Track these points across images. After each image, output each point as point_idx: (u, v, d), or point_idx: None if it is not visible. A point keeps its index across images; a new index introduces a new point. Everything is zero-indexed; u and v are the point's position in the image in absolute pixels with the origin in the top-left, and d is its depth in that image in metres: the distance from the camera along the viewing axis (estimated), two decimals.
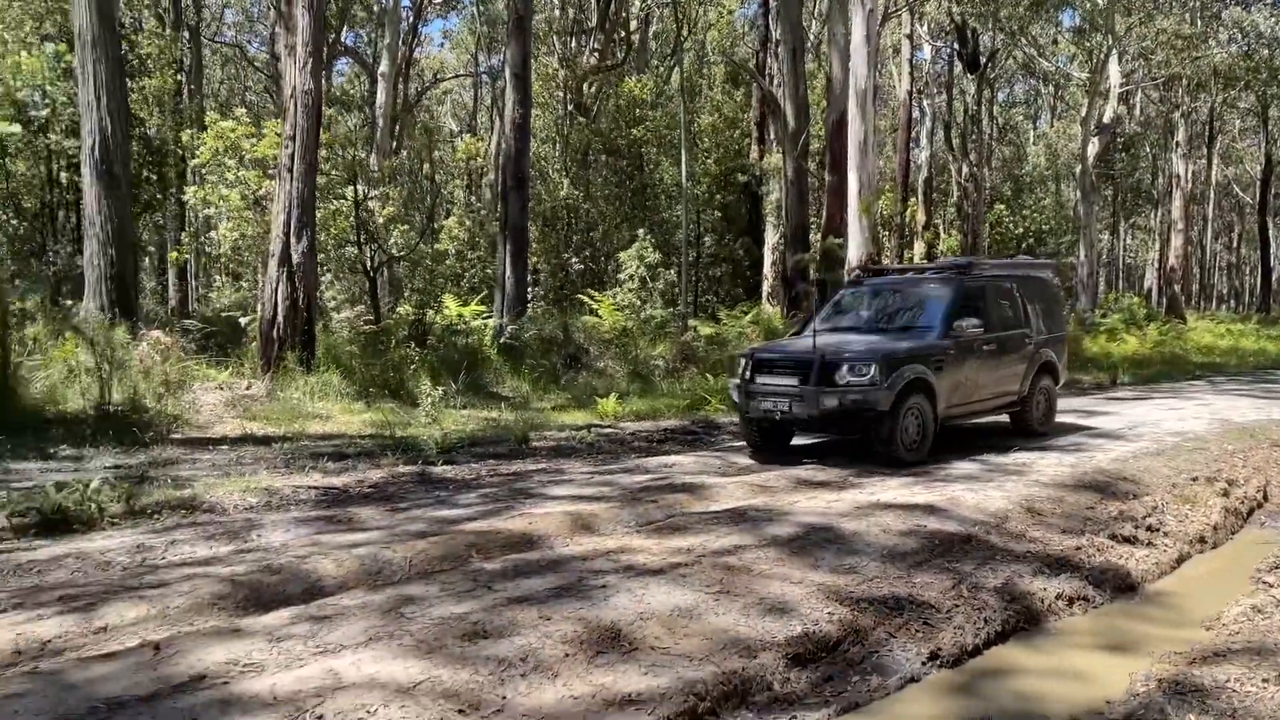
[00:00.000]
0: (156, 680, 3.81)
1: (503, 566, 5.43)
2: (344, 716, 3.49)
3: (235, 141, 19.99)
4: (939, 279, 10.46)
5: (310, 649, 4.13)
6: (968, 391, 9.68)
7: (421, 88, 42.07)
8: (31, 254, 19.75)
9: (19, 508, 6.91)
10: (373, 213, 20.12)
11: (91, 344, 11.60)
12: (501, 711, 3.64)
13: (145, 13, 25.89)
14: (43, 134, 19.72)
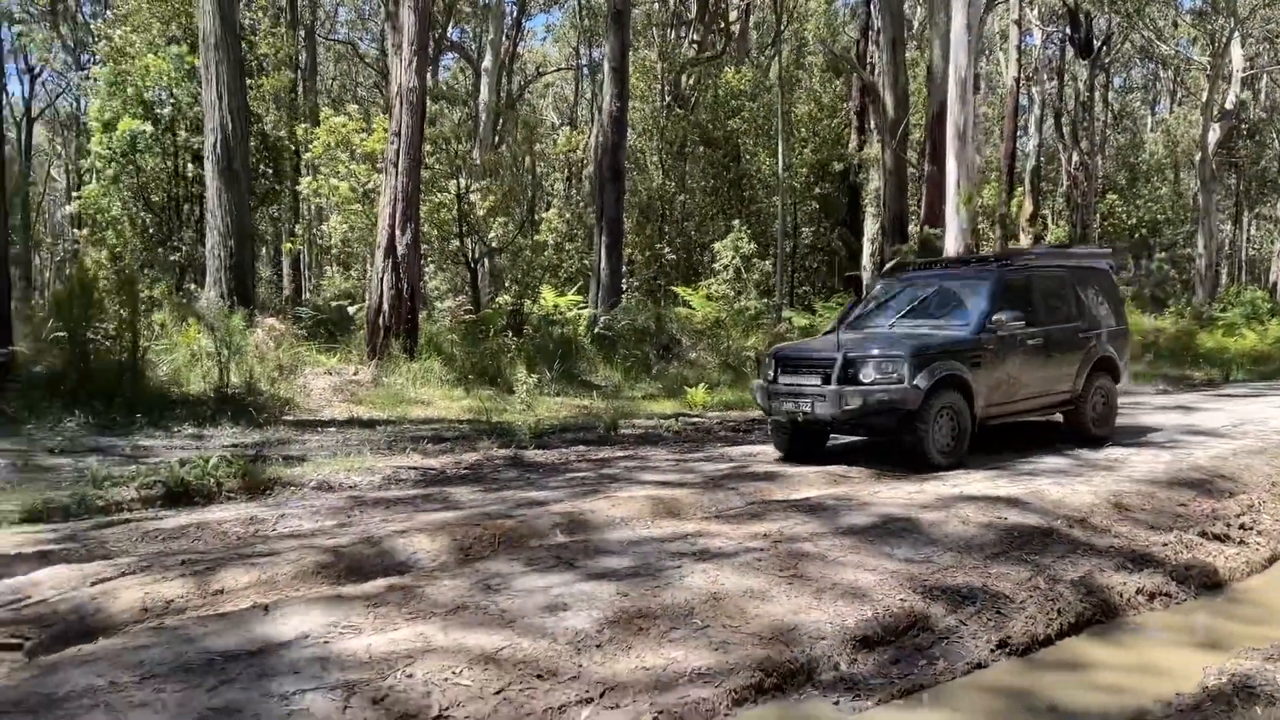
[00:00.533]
0: (265, 638, 4.17)
1: (585, 546, 5.68)
2: (431, 676, 3.77)
3: (346, 136, 20.80)
4: (978, 271, 9.87)
5: (403, 615, 4.44)
6: (1010, 390, 9.12)
7: (524, 81, 42.81)
8: (159, 244, 20.96)
9: (147, 481, 7.50)
10: (474, 205, 20.69)
11: (212, 330, 12.33)
12: (577, 679, 3.88)
13: (262, 15, 27.03)
14: (169, 131, 20.86)
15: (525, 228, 28.30)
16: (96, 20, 32.55)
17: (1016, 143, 35.64)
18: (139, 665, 3.87)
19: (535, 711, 3.62)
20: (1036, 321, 9.37)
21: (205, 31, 15.44)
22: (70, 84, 37.86)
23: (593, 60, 40.00)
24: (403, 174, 14.26)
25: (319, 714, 3.44)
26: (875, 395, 8.21)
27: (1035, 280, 9.73)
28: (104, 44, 22.99)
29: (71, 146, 39.28)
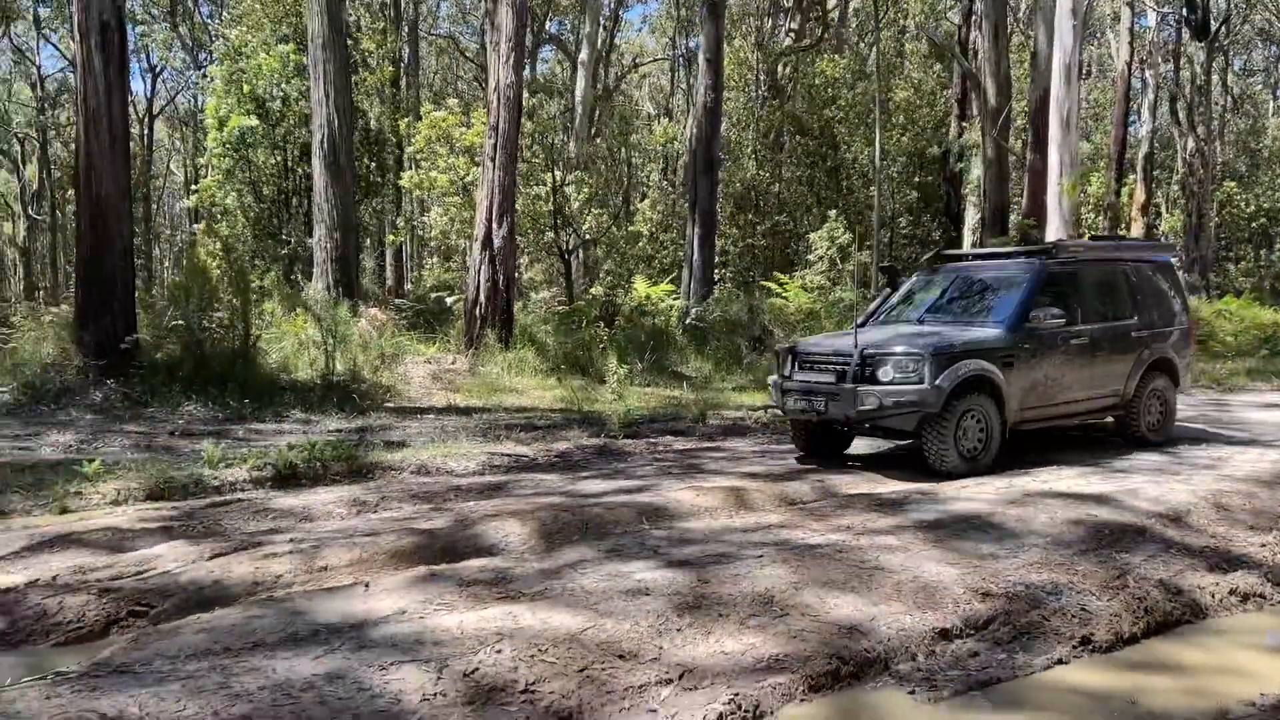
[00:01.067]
0: (365, 612, 4.43)
1: (668, 533, 5.84)
2: (519, 653, 3.96)
3: (446, 130, 21.34)
4: (1018, 264, 9.27)
5: (493, 595, 4.66)
6: (1049, 392, 8.57)
7: (620, 72, 43.07)
8: (269, 236, 21.85)
9: (258, 463, 7.93)
10: (569, 198, 21.00)
11: (318, 320, 12.86)
12: (657, 660, 4.02)
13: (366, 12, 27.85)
14: (279, 127, 21.71)
15: (620, 219, 28.57)
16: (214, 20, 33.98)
17: (1128, 129, 34.36)
18: (251, 633, 4.17)
19: (616, 689, 3.78)
20: (1082, 318, 8.85)
21: (314, 32, 16.04)
22: (188, 81, 39.60)
23: (689, 50, 40.01)
24: (499, 168, 14.60)
25: (414, 684, 3.66)
26: (893, 396, 7.76)
27: (1083, 274, 9.16)
28: (220, 43, 24.04)
29: (189, 142, 41.06)
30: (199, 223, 26.12)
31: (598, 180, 23.35)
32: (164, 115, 42.71)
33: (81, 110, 11.46)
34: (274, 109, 21.45)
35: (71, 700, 3.49)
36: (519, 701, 3.63)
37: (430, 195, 23.52)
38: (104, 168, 11.24)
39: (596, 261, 27.43)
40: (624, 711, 3.65)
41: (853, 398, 7.87)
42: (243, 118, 21.03)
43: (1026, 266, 9.05)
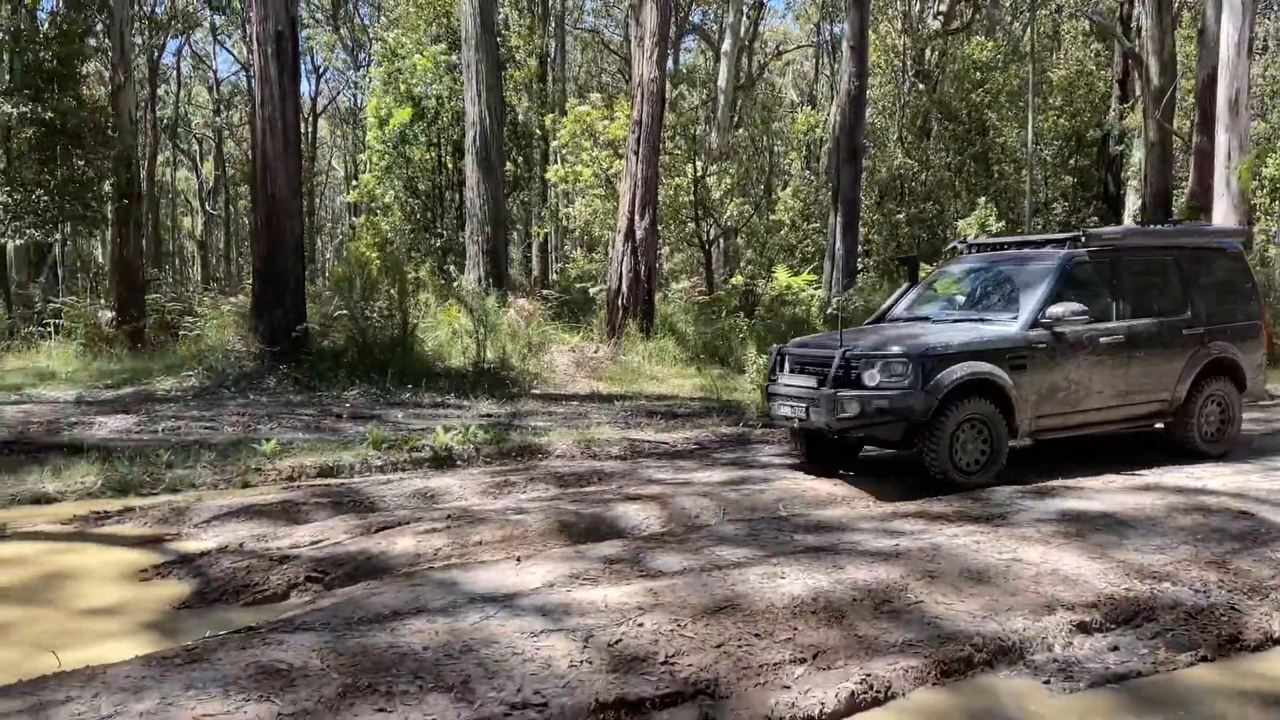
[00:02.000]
0: (517, 584, 4.75)
1: (803, 520, 5.97)
2: (659, 628, 4.19)
3: (590, 124, 21.81)
4: (1041, 255, 8.31)
5: (635, 572, 4.92)
6: (1074, 397, 7.69)
7: (763, 60, 42.85)
8: (424, 229, 22.87)
9: (416, 444, 8.46)
10: (710, 188, 21.15)
11: (470, 310, 13.48)
12: (791, 640, 4.18)
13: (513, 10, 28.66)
14: (433, 124, 22.67)
15: (761, 208, 28.54)
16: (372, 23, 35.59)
17: None
18: (415, 600, 4.54)
19: (752, 666, 3.96)
20: (1117, 314, 7.98)
21: (466, 33, 16.71)
22: (349, 81, 41.58)
23: (833, 36, 39.46)
24: (642, 161, 14.91)
25: (561, 651, 3.94)
26: (875, 402, 7.05)
27: (1120, 264, 8.19)
28: (379, 45, 25.23)
29: (349, 139, 43.14)
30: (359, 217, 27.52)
31: (739, 170, 23.42)
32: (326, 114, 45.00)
33: (257, 115, 12.34)
34: (429, 107, 22.40)
35: (262, 651, 3.91)
36: (659, 672, 3.86)
37: (575, 188, 24.10)
38: (278, 168, 12.07)
39: (737, 251, 27.51)
40: (759, 687, 3.83)
41: (833, 404, 7.16)
42: (403, 114, 22.06)
43: (1049, 257, 8.13)
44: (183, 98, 40.36)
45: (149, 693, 3.51)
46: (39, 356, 14.19)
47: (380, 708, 3.45)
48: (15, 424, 9.51)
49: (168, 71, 37.40)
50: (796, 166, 38.35)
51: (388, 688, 3.58)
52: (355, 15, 37.81)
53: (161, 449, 8.56)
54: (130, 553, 6.01)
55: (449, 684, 3.64)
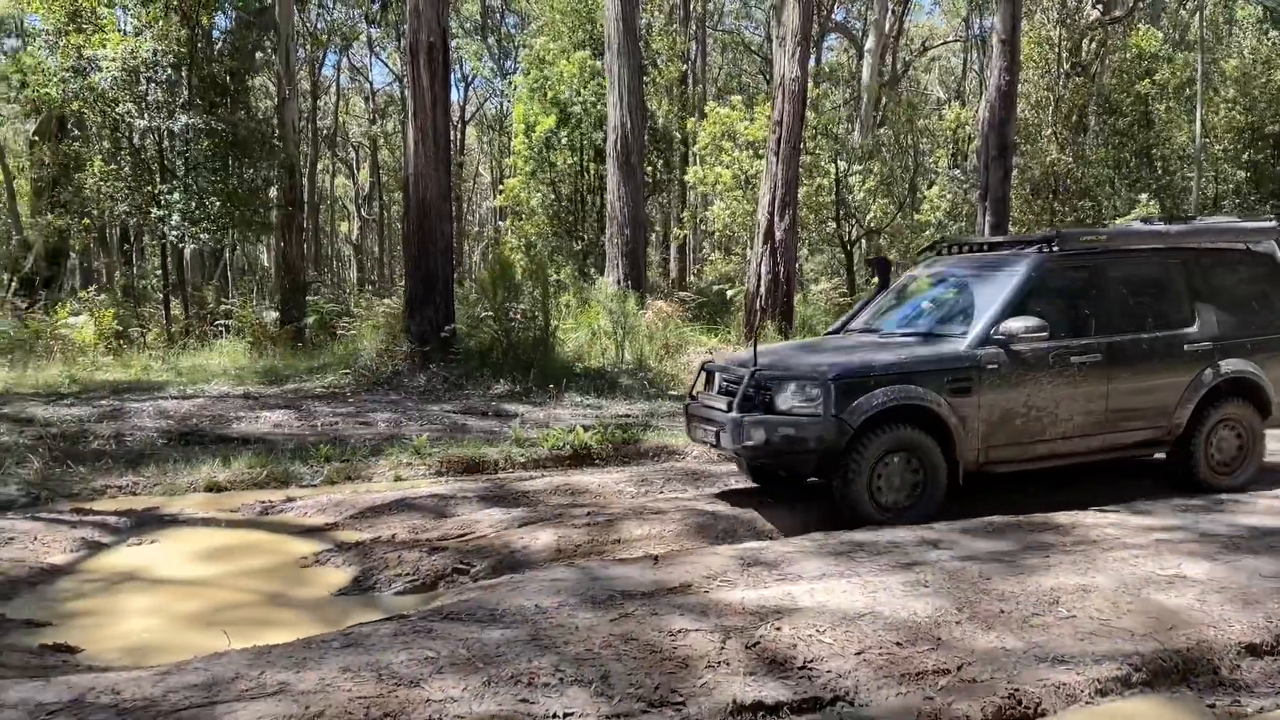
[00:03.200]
0: (655, 583, 4.80)
1: (950, 527, 5.81)
2: (797, 632, 4.16)
3: (730, 126, 21.79)
4: (1008, 260, 7.24)
5: (773, 576, 4.89)
6: (1036, 426, 6.68)
7: (908, 57, 41.87)
8: (566, 232, 23.33)
9: (557, 443, 8.64)
10: (852, 188, 20.81)
11: (609, 312, 13.66)
12: (934, 650, 4.08)
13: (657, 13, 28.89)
14: (576, 129, 23.10)
15: (905, 208, 27.88)
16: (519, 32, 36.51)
17: None
18: (557, 594, 4.65)
19: (893, 675, 3.88)
20: (1098, 328, 6.92)
21: (609, 39, 16.96)
22: (495, 89, 42.76)
23: (982, 29, 38.19)
24: (782, 162, 14.79)
25: (700, 651, 3.96)
26: (781, 429, 6.24)
27: (1103, 271, 7.09)
28: (525, 53, 25.88)
29: (495, 145, 44.36)
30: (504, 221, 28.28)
31: (882, 169, 22.94)
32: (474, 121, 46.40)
33: (410, 123, 12.85)
34: (573, 113, 22.83)
35: (413, 639, 4.08)
36: (797, 676, 3.83)
37: (714, 190, 24.12)
38: (429, 175, 12.53)
39: (880, 252, 26.94)
40: (899, 696, 3.75)
41: (738, 430, 6.32)
42: (549, 120, 22.56)
43: (1014, 263, 7.10)
44: (341, 108, 42.32)
45: (309, 673, 3.71)
46: (211, 354, 15.15)
47: (523, 698, 3.55)
48: (190, 417, 10.18)
49: (327, 84, 39.33)
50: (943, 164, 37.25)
51: (530, 679, 3.68)
52: (502, 25, 38.87)
53: (320, 443, 9.02)
54: (292, 541, 6.37)
55: (588, 679, 3.71)
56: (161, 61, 17.64)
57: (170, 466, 8.36)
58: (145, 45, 17.30)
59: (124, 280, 23.67)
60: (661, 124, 26.19)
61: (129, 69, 17.29)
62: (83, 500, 7.62)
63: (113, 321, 16.18)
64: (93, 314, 16.51)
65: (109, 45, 17.11)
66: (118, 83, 17.47)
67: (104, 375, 12.87)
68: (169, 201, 17.63)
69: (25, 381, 12.07)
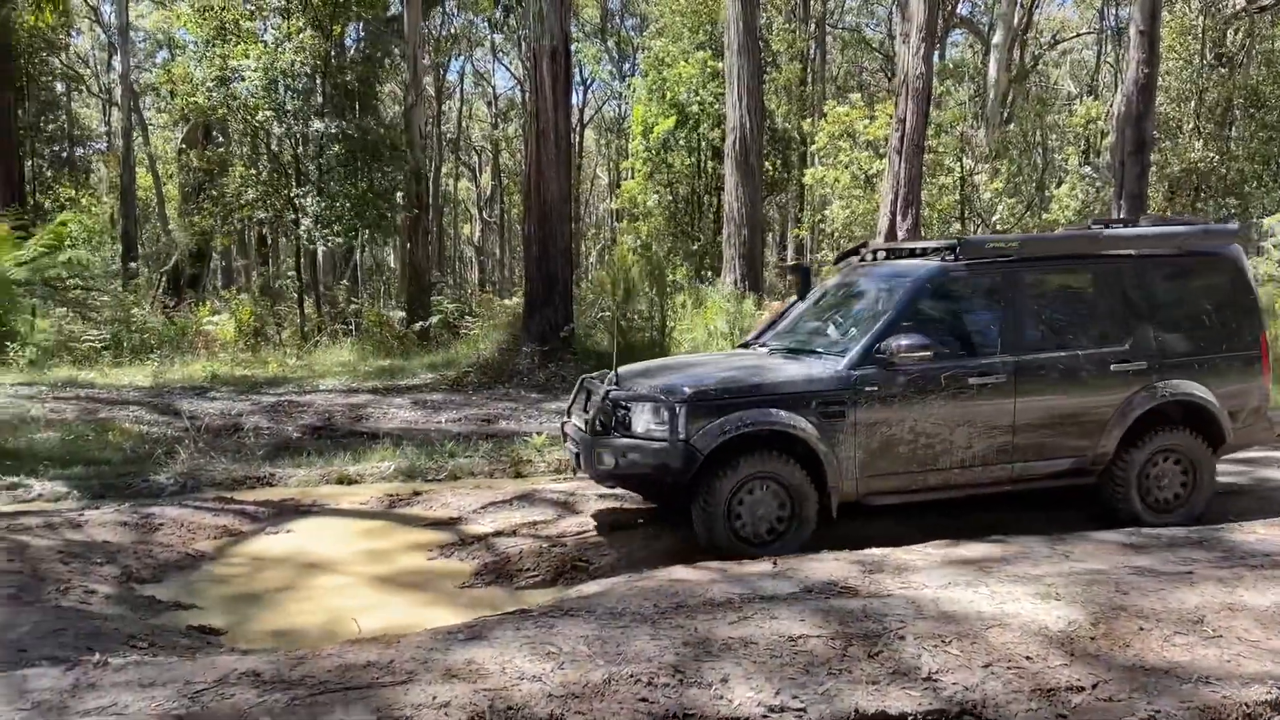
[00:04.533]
0: (773, 589, 4.76)
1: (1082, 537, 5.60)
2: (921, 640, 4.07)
3: (849, 125, 21.46)
4: (905, 270, 6.57)
5: (896, 583, 4.79)
6: (925, 453, 6.09)
7: (1037, 51, 40.44)
8: (682, 234, 23.38)
9: None
10: (978, 187, 20.23)
11: (725, 313, 13.62)
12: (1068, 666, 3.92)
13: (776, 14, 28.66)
14: (694, 130, 23.12)
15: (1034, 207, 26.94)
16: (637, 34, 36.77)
17: None
18: (674, 595, 4.66)
19: (1023, 689, 3.75)
20: (1005, 346, 6.23)
21: (729, 39, 16.92)
22: (614, 92, 43.15)
23: (1118, 20, 36.60)
24: (905, 160, 14.48)
25: (820, 655, 3.90)
26: (630, 455, 5.84)
27: (1014, 282, 6.37)
28: (644, 55, 26.03)
29: (613, 148, 44.77)
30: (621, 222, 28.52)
31: (1009, 168, 22.22)
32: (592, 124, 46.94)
33: (532, 125, 13.08)
34: (691, 113, 22.86)
35: (535, 634, 4.15)
36: (921, 687, 3.74)
37: (833, 190, 23.81)
38: (550, 177, 12.74)
39: None
40: (1030, 713, 3.63)
41: (590, 452, 6.00)
42: (668, 122, 22.66)
43: (909, 274, 6.46)
44: (464, 113, 43.39)
45: (436, 664, 3.81)
46: (342, 351, 15.75)
47: (642, 697, 3.57)
48: (323, 412, 10.61)
49: (451, 89, 40.35)
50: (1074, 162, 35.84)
51: (649, 679, 3.69)
52: (621, 27, 39.19)
53: (444, 439, 9.27)
54: (419, 533, 6.57)
55: (707, 681, 3.70)
56: (298, 70, 18.43)
57: (304, 459, 8.73)
58: (285, 56, 18.10)
59: (261, 280, 24.80)
60: (780, 124, 25.98)
61: (269, 78, 18.11)
62: (225, 489, 8.03)
63: (251, 319, 16.98)
64: (233, 312, 17.37)
65: (251, 56, 17.96)
66: (258, 91, 18.32)
67: (243, 370, 13.53)
68: (303, 205, 18.40)
69: (173, 375, 12.77)
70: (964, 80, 35.80)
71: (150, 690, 3.61)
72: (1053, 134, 35.51)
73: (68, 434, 9.30)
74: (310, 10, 18.51)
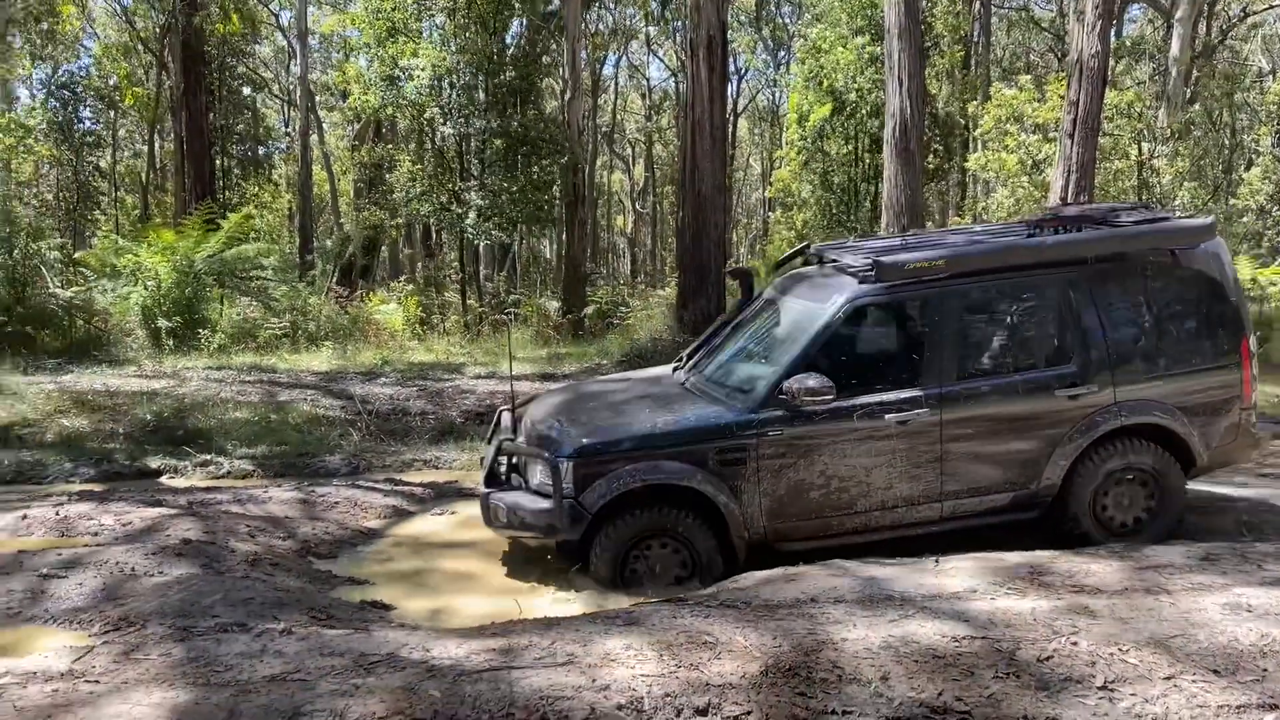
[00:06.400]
0: (935, 587, 4.64)
1: (1275, 548, 5.22)
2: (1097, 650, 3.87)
3: (1016, 109, 20.58)
4: (828, 289, 5.92)
5: (1067, 587, 4.59)
6: (842, 497, 5.59)
7: (1224, 25, 37.71)
8: (838, 223, 22.97)
9: None
10: (1158, 171, 19.06)
11: None
12: (1260, 679, 3.66)
13: None
14: (851, 117, 22.67)
15: (1220, 192, 25.20)
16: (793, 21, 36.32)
17: None
18: (833, 590, 4.61)
19: (1209, 705, 3.53)
20: (928, 376, 5.65)
21: (890, 23, 16.44)
22: (768, 80, 42.75)
23: None
24: (1077, 144, 13.76)
25: (984, 659, 3.76)
26: (520, 513, 5.55)
27: (941, 303, 5.72)
28: (801, 42, 25.68)
29: (766, 137, 44.39)
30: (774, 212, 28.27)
31: (1193, 150, 20.83)
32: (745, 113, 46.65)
33: (687, 116, 13.10)
34: (848, 100, 22.42)
35: (691, 623, 4.18)
36: (1096, 696, 3.57)
37: (997, 176, 22.89)
38: (705, 167, 12.75)
39: None
40: None
41: (485, 508, 5.79)
42: (822, 110, 22.31)
43: (823, 299, 5.83)
44: (619, 106, 43.88)
45: (594, 646, 3.89)
46: (502, 340, 16.23)
47: (800, 691, 3.54)
48: (484, 397, 10.96)
49: (606, 83, 40.88)
50: (1265, 143, 33.30)
51: (807, 673, 3.66)
52: (777, 15, 38.75)
53: None
54: None
55: (866, 678, 3.64)
56: (462, 69, 19.05)
57: (466, 444, 9.05)
58: (450, 55, 18.74)
59: (425, 271, 25.81)
60: (942, 108, 25.15)
61: (435, 76, 18.80)
62: (393, 471, 8.42)
63: (417, 309, 17.70)
64: (400, 302, 18.15)
65: (420, 55, 18.68)
66: (424, 90, 19.05)
67: (410, 358, 14.13)
68: (466, 199, 19.03)
69: (346, 362, 13.46)
70: (1143, 58, 33.75)
71: (329, 660, 3.83)
72: (1241, 114, 33.10)
73: (252, 415, 9.93)
74: (476, 8, 19.09)
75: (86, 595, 4.80)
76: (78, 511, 6.35)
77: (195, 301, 14.78)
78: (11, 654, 4.03)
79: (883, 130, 17.56)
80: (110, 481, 8.12)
